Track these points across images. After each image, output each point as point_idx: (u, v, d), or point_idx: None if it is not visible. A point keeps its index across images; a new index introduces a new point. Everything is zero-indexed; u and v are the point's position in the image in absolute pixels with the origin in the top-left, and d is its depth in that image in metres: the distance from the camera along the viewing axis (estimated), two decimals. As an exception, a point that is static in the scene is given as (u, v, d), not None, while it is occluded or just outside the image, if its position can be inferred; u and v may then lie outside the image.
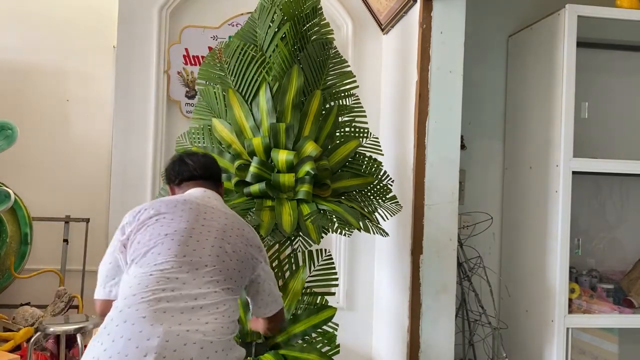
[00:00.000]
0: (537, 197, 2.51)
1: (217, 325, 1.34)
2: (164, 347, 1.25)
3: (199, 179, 1.69)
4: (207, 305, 1.36)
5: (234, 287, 1.46)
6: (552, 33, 2.43)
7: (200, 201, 1.58)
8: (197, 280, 1.38)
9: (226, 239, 1.49)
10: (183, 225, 1.47)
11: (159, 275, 1.36)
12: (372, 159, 2.09)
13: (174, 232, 1.45)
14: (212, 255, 1.44)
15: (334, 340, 1.96)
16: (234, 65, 1.99)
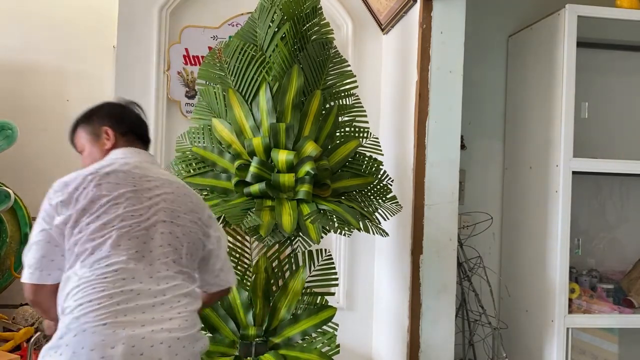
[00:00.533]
0: (537, 197, 2.51)
1: (182, 320, 1.31)
2: (130, 352, 1.20)
3: (139, 137, 1.58)
4: (168, 300, 1.31)
5: (190, 273, 1.41)
6: (552, 33, 2.43)
7: (141, 172, 1.46)
8: (153, 276, 1.32)
9: (175, 220, 1.41)
10: (129, 212, 1.36)
11: (113, 276, 1.28)
12: (372, 159, 2.09)
13: (121, 224, 1.34)
14: (164, 245, 1.37)
15: (334, 340, 1.96)
16: (234, 65, 1.99)
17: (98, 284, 1.28)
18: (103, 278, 1.28)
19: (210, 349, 1.92)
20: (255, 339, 1.93)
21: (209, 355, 1.91)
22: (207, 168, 2.00)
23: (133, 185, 1.41)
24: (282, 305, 1.97)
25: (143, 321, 1.26)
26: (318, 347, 1.94)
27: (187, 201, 1.47)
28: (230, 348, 1.95)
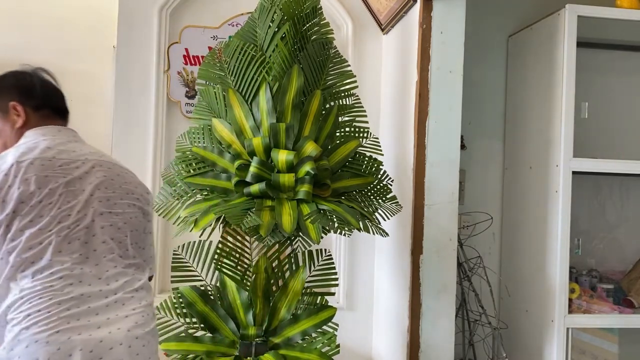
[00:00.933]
0: (537, 197, 2.51)
1: (138, 316, 1.25)
2: (89, 358, 1.15)
3: (55, 110, 1.46)
4: (120, 298, 1.25)
5: (140, 263, 1.35)
6: (552, 33, 2.43)
7: (68, 156, 1.33)
8: (102, 277, 1.26)
9: (113, 209, 1.33)
10: (65, 211, 1.26)
11: (59, 284, 1.21)
12: (372, 159, 2.09)
13: (58, 226, 1.24)
14: (107, 241, 1.29)
15: (334, 340, 1.96)
16: (234, 65, 1.99)
17: (44, 293, 1.20)
18: (49, 287, 1.21)
19: (210, 349, 1.92)
20: (255, 339, 1.93)
21: (209, 355, 1.91)
22: (207, 168, 2.00)
23: (63, 176, 1.30)
24: (282, 305, 1.97)
25: (98, 323, 1.20)
26: (318, 347, 1.94)
27: (122, 182, 1.38)
28: (230, 348, 1.95)
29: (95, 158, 1.39)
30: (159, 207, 1.97)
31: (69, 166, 1.32)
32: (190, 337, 1.94)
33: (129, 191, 1.39)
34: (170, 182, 2.00)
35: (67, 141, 1.39)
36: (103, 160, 1.40)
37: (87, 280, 1.24)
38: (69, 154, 1.35)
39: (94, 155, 1.40)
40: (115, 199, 1.35)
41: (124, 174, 1.42)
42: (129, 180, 1.42)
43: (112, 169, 1.39)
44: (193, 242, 2.02)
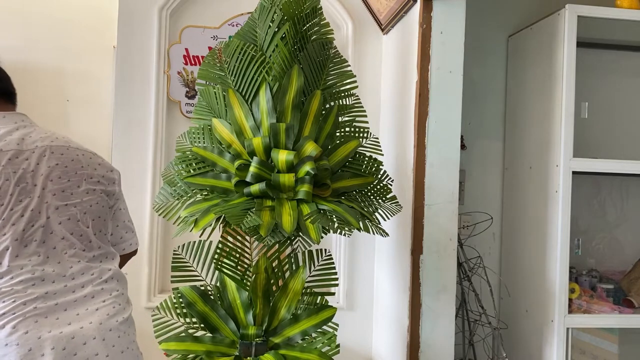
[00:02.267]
0: (537, 197, 2.51)
1: (109, 307, 1.22)
2: (62, 355, 1.12)
3: (3, 95, 1.39)
4: (90, 292, 1.22)
5: (106, 251, 1.31)
6: (552, 33, 2.43)
7: (16, 148, 1.25)
8: (66, 274, 1.21)
9: (70, 201, 1.25)
10: (18, 212, 1.19)
11: (21, 286, 1.17)
12: (372, 159, 2.09)
13: (12, 229, 1.18)
14: (67, 237, 1.23)
15: (334, 340, 1.96)
16: (234, 65, 1.99)
17: (7, 297, 1.16)
18: (10, 291, 1.16)
19: (210, 349, 1.92)
20: (255, 339, 1.93)
21: (209, 355, 1.91)
22: (207, 168, 2.00)
23: (13, 171, 1.22)
24: (282, 305, 1.97)
25: (68, 319, 1.17)
26: (318, 347, 1.94)
27: (78, 168, 1.30)
28: (230, 348, 1.95)
29: (45, 144, 1.29)
30: (159, 207, 1.97)
31: (18, 160, 1.24)
32: (190, 337, 1.94)
33: (87, 176, 1.31)
34: (170, 182, 2.00)
35: (14, 129, 1.30)
36: (55, 145, 1.30)
37: (51, 278, 1.20)
38: (17, 144, 1.26)
39: (44, 141, 1.30)
40: (71, 188, 1.28)
41: (80, 157, 1.32)
42: (86, 163, 1.33)
43: (67, 154, 1.30)
44: (193, 242, 2.03)
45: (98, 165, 1.37)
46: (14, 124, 1.32)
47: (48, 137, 1.32)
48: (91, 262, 1.27)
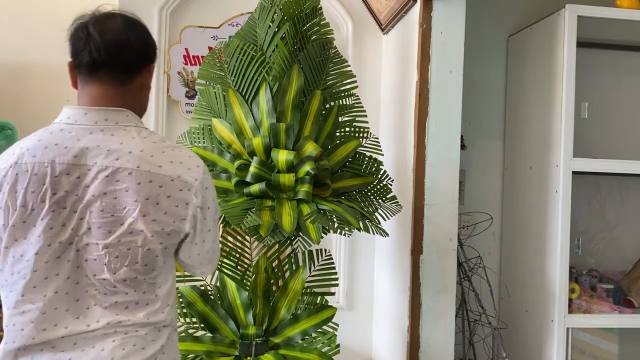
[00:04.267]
0: (537, 197, 2.51)
1: (118, 348, 1.15)
2: None
3: (102, 69, 1.18)
4: (100, 334, 1.15)
5: (142, 292, 1.19)
6: (552, 33, 2.43)
7: (73, 161, 1.13)
8: (80, 316, 1.14)
9: (121, 238, 1.13)
10: (47, 238, 1.12)
11: (28, 325, 1.13)
12: (372, 159, 2.09)
13: (35, 258, 1.12)
14: (98, 273, 1.14)
15: (334, 340, 1.96)
16: (234, 65, 1.99)
17: (14, 333, 1.14)
18: (16, 326, 1.14)
19: (210, 349, 1.92)
20: (255, 339, 1.93)
21: (209, 355, 1.91)
22: (207, 168, 1.99)
23: (53, 190, 1.12)
24: (282, 305, 1.97)
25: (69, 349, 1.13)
26: (318, 347, 1.94)
27: (155, 194, 1.14)
28: (230, 348, 1.95)
29: (127, 160, 1.15)
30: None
31: (68, 177, 1.14)
32: (190, 337, 1.94)
33: (165, 208, 1.20)
34: (170, 182, 2.00)
35: (93, 130, 1.18)
36: (138, 164, 1.15)
37: (64, 322, 1.16)
38: (80, 153, 1.15)
39: (128, 154, 1.15)
40: (134, 227, 1.17)
41: (167, 182, 1.17)
42: (170, 187, 1.19)
43: (149, 177, 1.16)
44: (193, 242, 2.02)
45: (188, 186, 1.22)
46: (96, 121, 1.19)
47: (137, 147, 1.18)
48: (114, 308, 1.24)
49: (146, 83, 1.27)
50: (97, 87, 1.21)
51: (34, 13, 3.29)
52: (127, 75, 1.23)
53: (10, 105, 3.21)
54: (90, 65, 1.20)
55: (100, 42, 1.20)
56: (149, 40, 1.29)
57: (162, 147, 1.19)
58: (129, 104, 1.23)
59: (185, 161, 1.20)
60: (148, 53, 1.27)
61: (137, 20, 1.32)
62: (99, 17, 1.26)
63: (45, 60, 3.28)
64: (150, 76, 1.29)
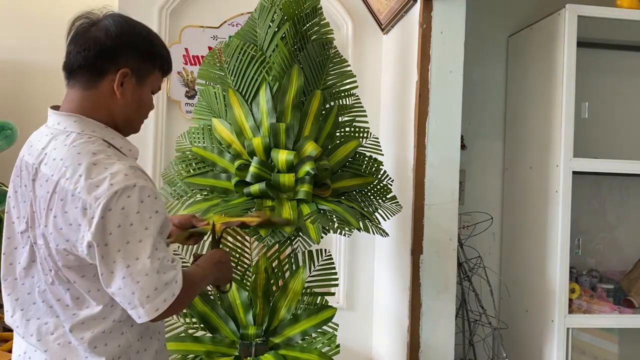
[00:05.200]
0: (537, 197, 2.51)
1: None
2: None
3: (74, 75, 1.21)
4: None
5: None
6: (552, 33, 2.43)
7: (30, 158, 1.22)
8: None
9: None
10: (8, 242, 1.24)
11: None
12: (372, 159, 2.09)
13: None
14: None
15: (334, 340, 1.96)
16: (234, 65, 1.99)
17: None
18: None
19: (210, 349, 1.92)
20: (255, 339, 1.93)
21: (209, 355, 1.91)
22: (207, 168, 2.00)
23: (16, 185, 1.25)
24: (282, 305, 1.97)
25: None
26: (318, 347, 1.94)
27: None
28: (230, 348, 1.95)
29: (45, 168, 1.21)
30: (159, 207, 1.97)
31: (28, 171, 1.26)
32: (190, 337, 1.94)
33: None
34: (170, 182, 2.00)
35: (41, 136, 1.29)
36: (44, 169, 1.22)
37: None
38: (33, 153, 1.27)
39: (44, 162, 1.22)
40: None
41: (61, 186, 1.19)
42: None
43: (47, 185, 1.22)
44: (193, 242, 2.02)
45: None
46: (48, 125, 1.29)
47: (50, 147, 1.22)
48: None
49: (116, 89, 1.22)
50: (68, 90, 1.26)
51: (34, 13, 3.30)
52: (91, 80, 1.22)
53: (10, 105, 3.21)
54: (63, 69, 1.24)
55: (68, 45, 1.22)
56: (103, 43, 1.20)
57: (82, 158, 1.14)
58: (89, 109, 1.22)
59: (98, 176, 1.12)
60: (107, 56, 1.21)
61: (118, 22, 1.26)
62: (84, 19, 1.25)
63: (45, 60, 3.28)
64: (118, 82, 1.21)
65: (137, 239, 1.11)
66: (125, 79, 1.22)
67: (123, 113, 1.26)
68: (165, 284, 1.14)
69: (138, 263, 1.11)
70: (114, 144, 1.23)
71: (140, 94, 1.27)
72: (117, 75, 1.21)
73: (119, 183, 1.11)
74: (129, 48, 1.23)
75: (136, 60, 1.24)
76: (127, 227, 1.11)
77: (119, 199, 1.10)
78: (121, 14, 1.28)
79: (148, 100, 1.31)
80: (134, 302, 1.12)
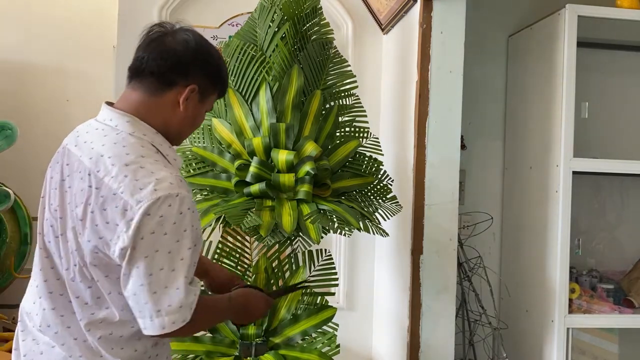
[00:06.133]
0: (537, 197, 2.51)
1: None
2: None
3: (140, 79, 1.24)
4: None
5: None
6: (552, 33, 2.43)
7: (75, 149, 1.22)
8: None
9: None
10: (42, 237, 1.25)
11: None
12: (372, 159, 2.09)
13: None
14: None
15: (334, 340, 1.96)
16: (234, 65, 1.99)
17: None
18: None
19: (210, 349, 1.92)
20: (255, 339, 1.93)
21: (209, 355, 1.91)
22: (207, 168, 2.00)
23: (62, 175, 1.24)
24: (282, 305, 1.97)
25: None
26: (318, 347, 1.94)
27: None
28: (230, 348, 1.95)
29: (83, 156, 1.25)
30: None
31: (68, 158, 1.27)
32: (190, 337, 1.94)
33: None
34: (170, 182, 2.00)
35: (88, 129, 1.28)
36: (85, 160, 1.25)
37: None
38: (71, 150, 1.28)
39: (86, 151, 1.25)
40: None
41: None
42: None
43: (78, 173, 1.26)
44: (193, 242, 2.02)
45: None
46: (98, 119, 1.28)
47: (95, 138, 1.23)
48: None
49: (181, 102, 1.24)
50: (127, 90, 1.27)
51: (34, 13, 3.29)
52: (158, 88, 1.24)
53: (10, 105, 3.21)
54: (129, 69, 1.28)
55: (140, 51, 1.27)
56: (181, 57, 1.23)
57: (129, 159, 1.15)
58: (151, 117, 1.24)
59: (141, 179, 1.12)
60: (180, 70, 1.23)
61: (196, 38, 1.27)
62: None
63: (45, 60, 3.28)
64: (185, 97, 1.23)
65: (166, 250, 1.11)
66: (191, 95, 1.24)
67: (179, 125, 1.27)
68: (179, 307, 1.12)
69: (161, 274, 1.10)
70: (162, 150, 1.23)
71: (199, 110, 1.29)
72: (186, 90, 1.23)
73: (163, 190, 1.10)
74: (202, 66, 1.26)
75: (204, 79, 1.27)
76: (160, 235, 1.10)
77: (160, 206, 1.09)
78: (195, 30, 1.29)
79: (202, 118, 1.33)
80: (144, 312, 1.12)
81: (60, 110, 3.27)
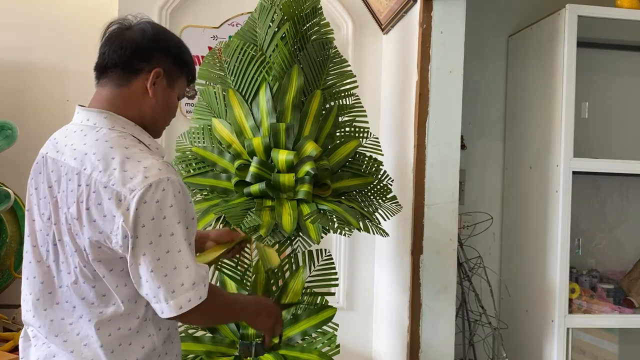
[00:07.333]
0: (537, 197, 2.51)
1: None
2: None
3: (106, 74, 1.26)
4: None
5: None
6: (552, 33, 2.43)
7: (56, 155, 1.24)
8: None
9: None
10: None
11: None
12: (372, 159, 2.09)
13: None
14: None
15: (334, 340, 1.96)
16: (234, 65, 1.99)
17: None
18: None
19: (210, 349, 1.92)
20: (255, 339, 1.93)
21: (209, 355, 1.91)
22: (207, 168, 2.00)
23: (48, 183, 1.24)
24: (282, 305, 1.97)
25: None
26: (318, 347, 1.94)
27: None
28: (230, 348, 1.95)
29: (72, 159, 1.26)
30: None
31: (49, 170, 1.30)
32: (190, 337, 1.94)
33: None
34: (170, 182, 2.00)
35: (66, 132, 1.33)
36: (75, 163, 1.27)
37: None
38: (55, 155, 1.31)
39: (73, 154, 1.27)
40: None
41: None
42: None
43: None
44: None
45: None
46: (75, 122, 1.33)
47: (82, 141, 1.25)
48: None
49: (149, 87, 1.26)
50: (98, 89, 1.30)
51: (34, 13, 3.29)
52: (124, 78, 1.26)
53: (11, 105, 3.21)
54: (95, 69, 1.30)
55: (101, 48, 1.27)
56: (139, 43, 1.25)
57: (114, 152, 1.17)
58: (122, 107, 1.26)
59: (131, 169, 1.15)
60: (142, 56, 1.25)
61: (153, 26, 1.30)
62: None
63: (45, 60, 3.28)
64: (151, 81, 1.25)
65: (169, 233, 1.13)
66: (157, 79, 1.26)
67: (152, 113, 1.29)
68: (193, 283, 1.15)
69: (168, 257, 1.13)
70: (143, 140, 1.26)
71: (169, 95, 1.31)
72: (151, 74, 1.25)
73: (154, 176, 1.13)
74: (163, 51, 1.28)
75: (168, 63, 1.29)
76: (160, 220, 1.12)
77: (154, 192, 1.12)
78: (153, 21, 1.33)
79: (175, 104, 1.35)
80: (159, 296, 1.14)
81: (60, 110, 3.26)
